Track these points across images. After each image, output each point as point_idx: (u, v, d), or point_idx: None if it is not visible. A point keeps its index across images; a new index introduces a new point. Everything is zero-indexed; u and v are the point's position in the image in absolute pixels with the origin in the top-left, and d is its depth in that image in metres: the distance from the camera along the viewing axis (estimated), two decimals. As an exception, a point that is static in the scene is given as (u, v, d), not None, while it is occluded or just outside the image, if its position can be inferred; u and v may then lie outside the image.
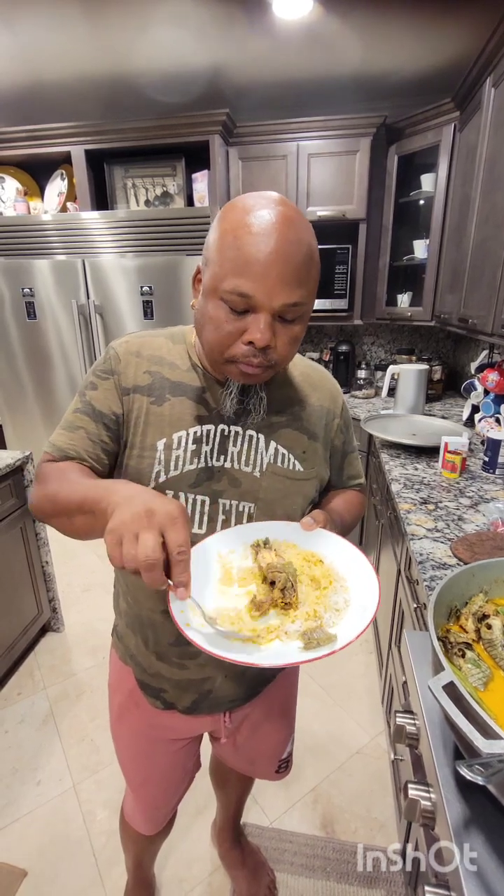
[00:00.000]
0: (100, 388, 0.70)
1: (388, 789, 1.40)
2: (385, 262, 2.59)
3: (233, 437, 0.71)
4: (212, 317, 0.61)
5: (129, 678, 0.83)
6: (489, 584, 0.74)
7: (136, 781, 0.94)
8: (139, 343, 0.73)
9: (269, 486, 0.72)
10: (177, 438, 0.69)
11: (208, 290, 0.61)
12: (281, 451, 0.73)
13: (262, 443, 0.72)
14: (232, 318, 0.60)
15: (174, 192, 2.57)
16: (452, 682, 0.51)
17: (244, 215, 0.58)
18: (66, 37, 1.90)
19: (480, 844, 0.52)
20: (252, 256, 0.56)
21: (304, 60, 2.09)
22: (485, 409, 1.89)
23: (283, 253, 0.57)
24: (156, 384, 0.70)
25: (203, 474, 0.69)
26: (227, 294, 0.58)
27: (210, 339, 0.63)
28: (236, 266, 0.57)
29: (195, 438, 0.69)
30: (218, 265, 0.59)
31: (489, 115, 1.65)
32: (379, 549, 1.88)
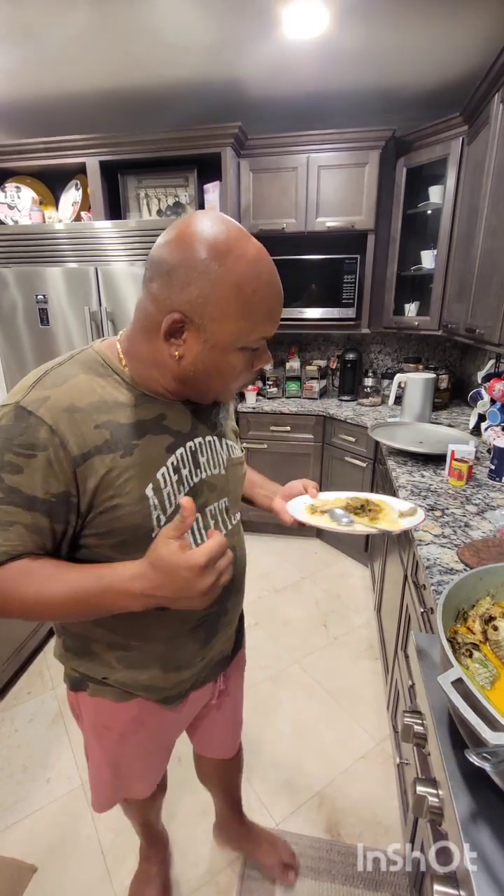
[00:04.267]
0: (26, 470, 0.57)
1: (394, 794, 1.41)
2: (393, 272, 2.62)
3: (199, 449, 0.72)
4: (233, 366, 0.63)
5: (128, 709, 0.79)
6: (496, 588, 0.77)
7: (137, 785, 0.95)
8: (64, 395, 0.59)
9: (231, 478, 0.78)
10: (161, 478, 0.65)
11: (227, 345, 0.60)
12: (229, 444, 0.79)
13: (217, 444, 0.76)
14: (247, 359, 0.64)
15: (186, 202, 2.62)
16: (461, 679, 0.53)
17: (249, 264, 0.58)
18: (83, 50, 1.96)
19: (488, 837, 0.54)
20: (272, 306, 0.62)
21: (316, 75, 2.15)
22: (491, 418, 1.91)
23: (280, 286, 0.63)
24: (115, 435, 0.61)
25: (191, 495, 0.69)
26: (253, 343, 0.62)
27: (228, 383, 0.66)
28: (262, 318, 0.61)
29: (174, 468, 0.67)
30: (243, 322, 0.59)
31: (497, 129, 1.68)
32: (385, 554, 1.89)
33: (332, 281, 2.60)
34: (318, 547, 2.84)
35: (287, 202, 2.54)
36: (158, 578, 0.55)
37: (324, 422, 2.67)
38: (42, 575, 0.59)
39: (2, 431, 0.58)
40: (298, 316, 2.70)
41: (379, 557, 2.10)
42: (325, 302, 2.65)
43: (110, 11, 1.70)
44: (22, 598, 0.58)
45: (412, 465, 1.75)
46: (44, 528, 0.60)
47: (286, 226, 2.56)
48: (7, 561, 0.58)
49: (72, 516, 0.61)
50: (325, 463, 2.72)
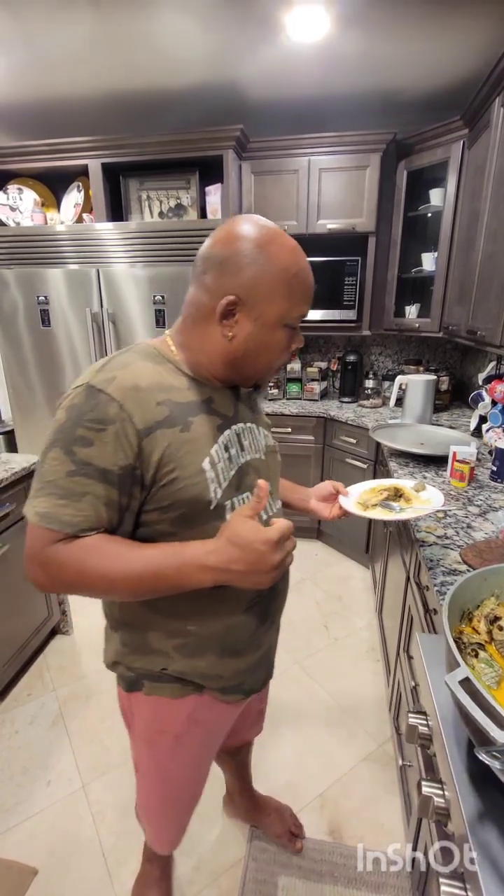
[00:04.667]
0: (96, 443, 0.61)
1: (396, 796, 1.41)
2: (394, 274, 2.63)
3: (243, 433, 0.78)
4: (279, 341, 0.72)
5: (184, 706, 0.81)
6: (500, 589, 0.77)
7: (185, 799, 0.96)
8: (128, 377, 0.65)
9: (270, 463, 0.84)
10: (215, 453, 0.70)
11: (274, 321, 0.69)
12: (264, 432, 0.86)
13: (255, 430, 0.82)
14: (287, 338, 0.72)
15: (188, 204, 2.63)
16: (468, 678, 0.53)
17: (289, 252, 0.69)
18: (87, 55, 1.97)
19: (495, 837, 0.54)
20: (308, 288, 0.72)
21: (318, 79, 2.16)
22: (493, 420, 1.91)
23: (312, 276, 0.73)
24: (174, 412, 0.67)
25: (238, 475, 0.74)
26: (293, 320, 0.71)
27: (273, 361, 0.74)
28: (301, 296, 0.70)
29: (225, 446, 0.72)
30: (287, 300, 0.68)
31: (498, 133, 1.69)
32: (387, 556, 1.89)
33: (333, 283, 2.61)
34: (319, 548, 2.84)
35: (288, 204, 2.55)
36: (234, 553, 0.61)
37: (325, 423, 2.67)
38: (116, 550, 0.63)
39: (74, 409, 0.63)
40: (299, 318, 2.70)
41: (380, 559, 2.10)
42: (325, 304, 2.66)
43: (114, 18, 1.71)
44: (97, 572, 0.62)
45: (413, 467, 1.75)
46: (113, 499, 0.63)
47: (287, 228, 2.56)
48: (80, 534, 0.62)
49: (136, 489, 0.65)
50: (326, 464, 2.72)
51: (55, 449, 0.62)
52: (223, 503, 0.70)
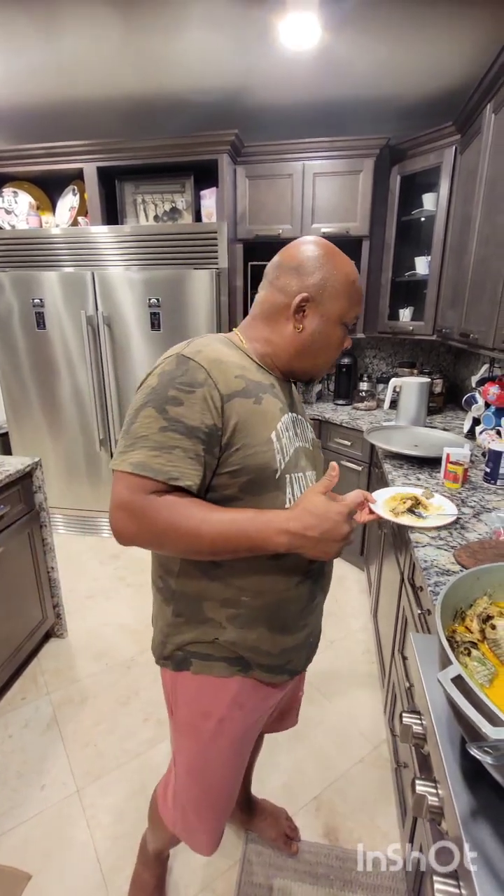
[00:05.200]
0: (186, 403, 0.69)
1: (391, 798, 1.41)
2: (387, 278, 2.65)
3: (297, 422, 0.86)
4: (338, 337, 0.83)
5: (230, 687, 0.83)
6: (493, 588, 0.77)
7: (225, 795, 0.95)
8: (212, 352, 0.74)
9: (316, 455, 0.91)
10: (280, 428, 0.78)
11: (335, 318, 0.80)
12: (310, 427, 0.94)
13: (304, 423, 0.91)
14: (343, 336, 0.84)
15: (183, 207, 2.64)
16: (460, 675, 0.53)
17: (349, 263, 0.82)
18: (82, 60, 1.98)
19: (489, 835, 0.54)
20: (361, 296, 0.84)
21: (312, 85, 2.18)
22: (486, 422, 1.93)
23: None
24: (249, 386, 0.75)
25: (296, 455, 0.82)
26: (350, 320, 0.82)
27: (330, 354, 0.84)
28: (356, 301, 0.82)
29: (286, 426, 0.80)
30: (347, 301, 0.80)
31: (489, 139, 1.71)
32: (381, 557, 1.90)
33: (328, 286, 2.62)
34: (314, 551, 2.84)
35: (283, 208, 2.57)
36: (311, 520, 0.69)
37: (319, 426, 2.68)
38: (204, 508, 0.70)
39: (165, 375, 0.71)
40: (294, 321, 2.71)
41: (375, 561, 2.11)
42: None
43: (111, 24, 1.72)
44: (187, 525, 0.68)
45: (408, 469, 1.76)
46: (199, 454, 0.70)
47: (282, 231, 2.58)
48: (171, 483, 0.68)
49: (216, 449, 0.71)
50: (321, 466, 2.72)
51: (148, 408, 0.70)
52: (284, 476, 0.77)
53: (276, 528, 0.69)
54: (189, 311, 2.53)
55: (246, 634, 0.81)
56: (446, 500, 1.34)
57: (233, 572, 0.78)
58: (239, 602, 0.80)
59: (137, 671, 1.91)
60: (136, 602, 2.36)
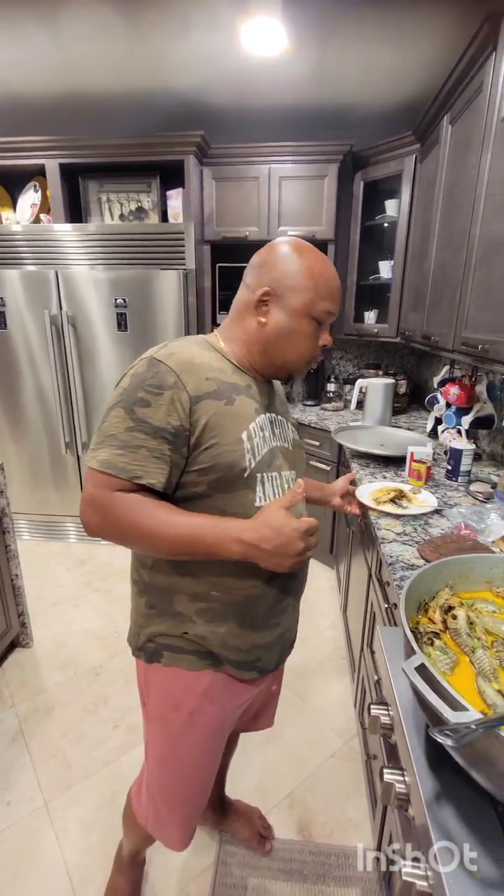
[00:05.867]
0: (153, 405, 0.71)
1: (362, 790, 1.44)
2: (353, 281, 2.71)
3: (275, 422, 0.87)
4: (305, 331, 0.81)
5: (201, 681, 0.84)
6: (454, 580, 0.81)
7: (197, 789, 0.94)
8: (185, 354, 0.76)
9: (297, 455, 0.92)
10: (252, 429, 0.79)
11: (299, 311, 0.79)
12: (292, 428, 0.95)
13: (286, 424, 0.91)
14: (314, 332, 0.82)
15: (149, 207, 2.62)
16: (424, 664, 0.55)
17: (323, 261, 0.81)
18: (44, 53, 1.94)
19: (451, 815, 0.56)
20: (334, 288, 0.81)
21: (276, 90, 2.20)
22: (447, 421, 2.00)
23: (340, 285, 0.84)
24: (220, 388, 0.77)
25: (271, 454, 0.82)
26: (318, 314, 0.80)
27: (299, 348, 0.82)
28: (329, 294, 0.80)
29: (261, 426, 0.81)
30: (311, 293, 0.78)
31: (447, 149, 1.78)
32: (350, 555, 1.94)
33: (295, 289, 2.65)
34: (285, 550, 2.86)
35: (250, 211, 2.58)
36: (267, 533, 0.70)
37: (288, 427, 2.70)
38: (166, 510, 0.72)
39: (136, 377, 0.73)
40: (262, 322, 2.73)
41: (344, 559, 2.15)
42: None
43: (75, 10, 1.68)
44: (147, 526, 0.70)
45: (374, 467, 1.80)
46: (165, 454, 0.72)
47: (249, 234, 2.60)
48: (128, 479, 0.70)
49: (184, 449, 0.73)
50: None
51: (117, 408, 0.72)
52: (255, 474, 0.78)
53: (232, 536, 0.71)
54: (157, 312, 2.51)
55: (215, 629, 0.82)
56: (429, 495, 1.47)
57: (203, 567, 0.79)
58: (209, 596, 0.81)
59: (106, 678, 1.87)
60: (103, 608, 2.31)
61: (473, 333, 1.45)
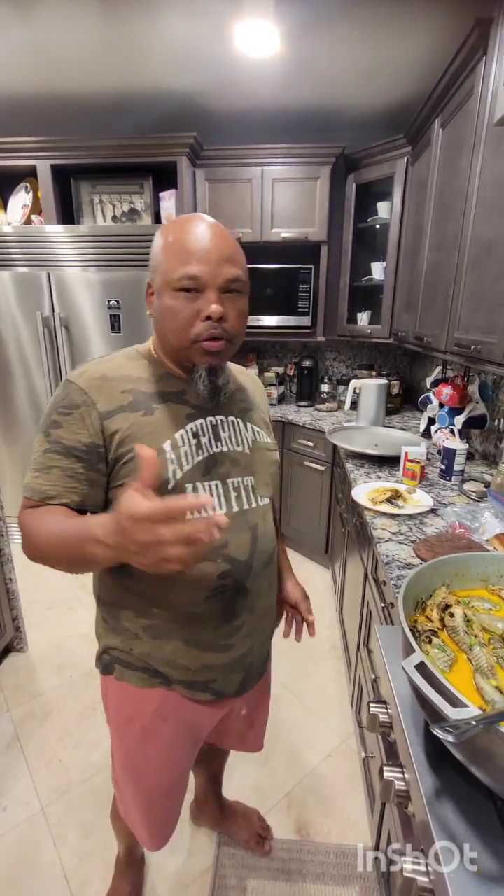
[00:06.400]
0: (64, 425, 0.71)
1: (360, 789, 1.44)
2: (346, 282, 2.73)
3: (221, 425, 0.81)
4: (170, 307, 0.71)
5: (151, 698, 0.82)
6: (450, 578, 0.81)
7: (159, 796, 0.93)
8: (101, 369, 0.75)
9: (258, 459, 0.85)
10: (179, 437, 0.75)
11: (161, 288, 0.72)
12: (256, 430, 0.87)
13: (241, 425, 0.85)
14: (187, 303, 0.71)
15: (142, 209, 2.61)
16: (423, 662, 0.56)
17: (182, 224, 0.73)
18: (36, 52, 1.93)
19: (450, 811, 0.57)
20: (194, 246, 0.71)
21: (269, 92, 2.21)
22: (440, 421, 2.02)
23: (217, 240, 0.72)
24: (138, 399, 0.74)
25: (209, 462, 0.77)
26: (178, 282, 0.70)
27: (174, 328, 0.72)
28: (182, 258, 0.70)
29: (193, 433, 0.77)
30: (166, 264, 0.71)
31: (437, 152, 1.80)
32: (346, 554, 1.95)
33: (288, 290, 2.67)
34: (280, 551, 2.87)
35: (243, 212, 2.59)
36: (111, 525, 0.56)
37: (283, 427, 2.71)
38: (58, 518, 0.68)
39: (53, 400, 0.74)
40: (255, 323, 2.74)
41: (339, 559, 2.16)
42: (281, 310, 2.71)
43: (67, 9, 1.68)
44: (45, 538, 0.67)
45: (369, 468, 1.81)
46: (78, 472, 0.71)
47: (242, 235, 2.60)
48: (41, 500, 0.70)
49: (101, 465, 0.72)
50: (285, 468, 2.76)
51: (39, 434, 0.74)
52: (184, 485, 0.73)
53: (90, 536, 0.59)
54: (150, 314, 2.50)
55: (161, 646, 0.79)
56: (425, 495, 1.49)
57: (141, 582, 0.76)
58: (151, 613, 0.78)
59: (103, 681, 1.86)
60: (100, 610, 2.30)
61: (466, 334, 1.47)
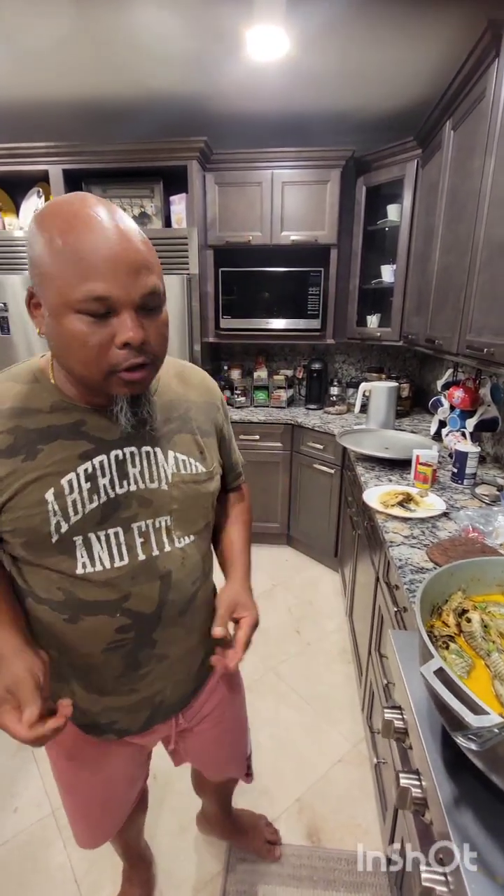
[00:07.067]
0: None
1: (371, 795, 1.43)
2: (355, 285, 2.72)
3: (130, 460, 0.68)
4: (73, 334, 0.56)
5: (65, 736, 0.74)
6: (466, 583, 0.81)
7: (88, 812, 0.91)
8: None
9: (179, 495, 0.72)
10: (66, 484, 0.64)
11: (57, 308, 0.55)
12: (181, 459, 0.73)
13: (160, 456, 0.71)
14: (95, 328, 0.56)
15: (152, 213, 2.63)
16: (442, 668, 0.55)
17: (70, 219, 0.54)
18: (48, 58, 1.95)
19: (470, 820, 0.56)
20: (95, 255, 0.53)
21: (279, 96, 2.22)
22: (451, 424, 2.00)
23: (124, 242, 0.55)
24: (19, 441, 0.63)
25: (108, 508, 0.66)
26: (81, 304, 0.54)
27: (80, 358, 0.57)
28: (81, 271, 0.53)
29: (88, 476, 0.65)
30: (59, 278, 0.54)
31: (449, 154, 1.79)
32: (356, 558, 1.94)
33: (298, 293, 2.67)
34: (289, 554, 2.87)
35: (253, 216, 2.60)
36: None
37: (292, 430, 2.71)
38: None
39: None
40: (265, 326, 2.74)
41: (349, 562, 2.14)
42: (290, 313, 2.71)
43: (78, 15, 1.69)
44: None
45: (379, 471, 1.80)
46: None
47: (252, 238, 2.61)
48: None
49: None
50: (295, 470, 2.75)
51: None
52: (72, 538, 0.64)
53: None
54: (160, 317, 2.51)
55: (61, 688, 0.74)
56: (437, 499, 1.48)
57: (36, 625, 0.71)
58: (50, 656, 0.71)
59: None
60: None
61: (478, 337, 1.46)
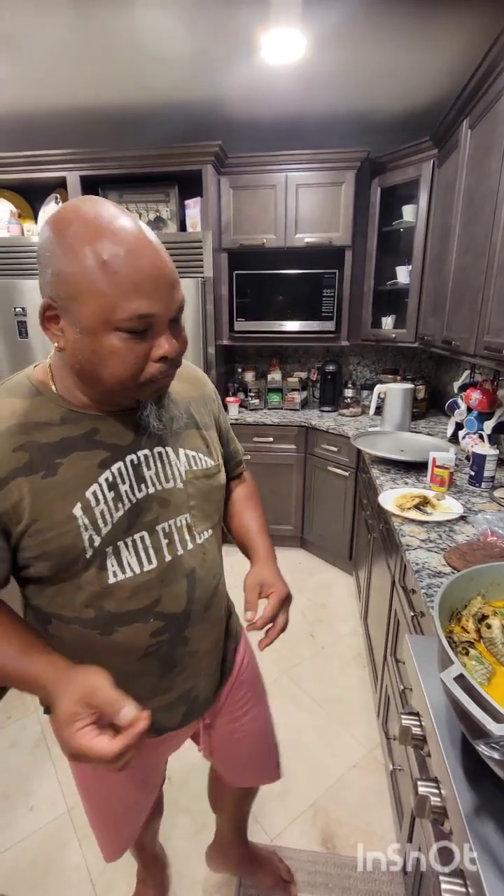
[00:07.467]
0: None
1: (386, 801, 1.41)
2: (370, 287, 2.70)
3: (145, 462, 0.68)
4: (112, 351, 0.56)
5: None
6: (486, 588, 0.79)
7: (108, 820, 0.92)
8: None
9: (194, 492, 0.74)
10: (91, 496, 0.63)
11: (94, 326, 0.55)
12: (190, 455, 0.74)
13: (171, 455, 0.72)
14: (133, 344, 0.56)
15: (167, 217, 2.65)
16: (462, 674, 0.54)
17: (94, 234, 0.53)
18: (66, 65, 1.98)
19: (492, 830, 0.55)
20: (139, 275, 0.54)
21: (294, 98, 2.22)
22: (469, 426, 1.97)
23: (159, 259, 0.56)
24: (36, 456, 0.61)
25: (132, 514, 0.66)
26: (125, 322, 0.54)
27: (115, 373, 0.57)
28: (126, 291, 0.53)
29: (110, 484, 0.64)
30: (100, 297, 0.53)
31: (466, 154, 1.77)
32: (371, 561, 1.92)
33: (312, 295, 2.67)
34: (303, 557, 2.86)
35: (267, 218, 2.60)
36: (57, 709, 0.57)
37: (306, 432, 2.70)
38: None
39: None
40: (279, 328, 2.74)
41: (364, 565, 2.12)
42: (304, 315, 2.71)
43: (93, 22, 1.72)
44: None
45: (395, 473, 1.79)
46: None
47: (266, 241, 2.62)
48: None
49: (11, 535, 0.62)
50: (308, 473, 2.74)
51: None
52: (103, 549, 0.64)
53: (44, 693, 0.60)
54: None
55: None
56: (454, 502, 1.45)
57: (63, 648, 0.67)
58: None
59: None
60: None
61: (496, 338, 1.43)
